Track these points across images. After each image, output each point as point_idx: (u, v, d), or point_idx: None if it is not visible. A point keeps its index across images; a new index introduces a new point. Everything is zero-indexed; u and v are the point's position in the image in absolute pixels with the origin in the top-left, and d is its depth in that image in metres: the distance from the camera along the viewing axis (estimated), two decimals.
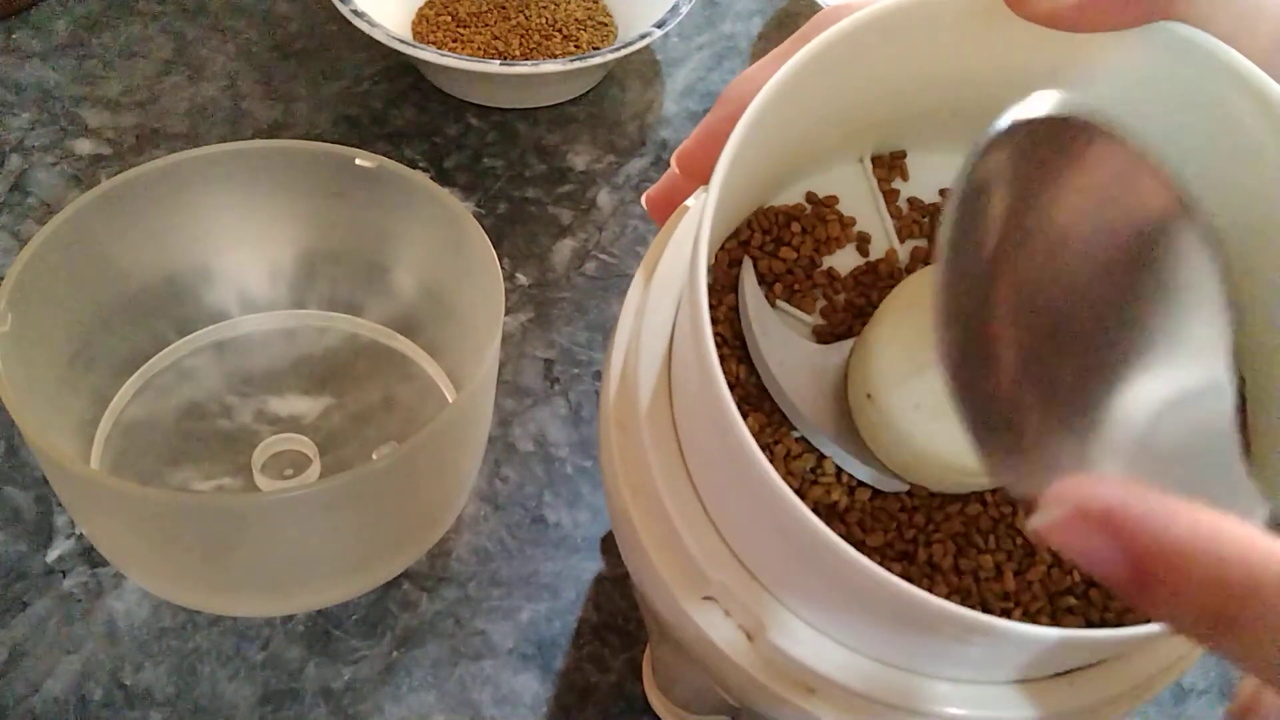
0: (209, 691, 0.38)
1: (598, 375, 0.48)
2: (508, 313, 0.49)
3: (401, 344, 0.46)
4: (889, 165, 0.31)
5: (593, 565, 0.42)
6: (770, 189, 0.30)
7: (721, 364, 0.27)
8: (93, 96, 0.57)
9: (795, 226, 0.29)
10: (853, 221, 0.30)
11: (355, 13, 0.55)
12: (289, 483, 0.42)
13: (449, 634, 0.40)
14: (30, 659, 0.38)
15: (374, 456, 0.34)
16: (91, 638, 0.39)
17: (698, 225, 0.23)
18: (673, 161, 0.29)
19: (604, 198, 0.55)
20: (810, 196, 0.30)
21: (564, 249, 0.53)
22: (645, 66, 0.63)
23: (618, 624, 0.41)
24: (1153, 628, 0.21)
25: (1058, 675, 0.25)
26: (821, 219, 0.30)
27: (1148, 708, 0.40)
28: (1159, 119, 0.27)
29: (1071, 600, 0.26)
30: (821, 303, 0.29)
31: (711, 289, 0.28)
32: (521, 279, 0.51)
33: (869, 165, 0.31)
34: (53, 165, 0.54)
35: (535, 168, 0.56)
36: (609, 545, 0.43)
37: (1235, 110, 0.25)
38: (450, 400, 0.45)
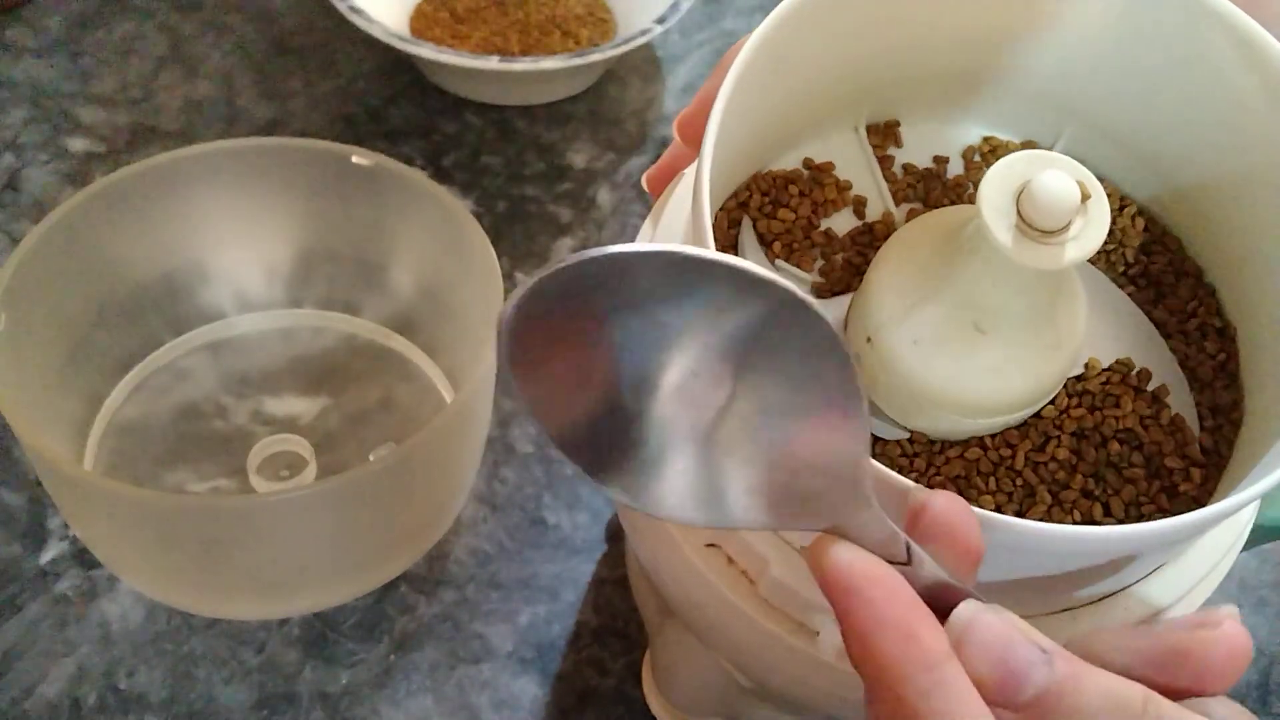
0: (204, 695, 0.38)
1: None
2: None
3: (399, 344, 0.46)
4: (883, 133, 0.32)
5: (591, 568, 0.42)
6: (768, 154, 0.30)
7: None
8: (86, 94, 0.57)
9: (793, 189, 0.30)
10: (849, 185, 0.31)
11: (352, 9, 0.54)
12: (285, 484, 0.41)
13: (447, 637, 0.40)
14: (23, 662, 0.38)
15: (371, 457, 0.33)
16: (85, 641, 0.38)
17: (699, 164, 0.24)
18: (674, 129, 0.30)
19: (604, 196, 0.55)
20: (807, 162, 0.31)
21: (563, 248, 0.53)
22: (645, 63, 0.63)
23: (617, 627, 0.40)
24: (1142, 526, 0.21)
25: (1060, 611, 0.26)
26: (819, 182, 0.30)
27: None
28: (1145, 75, 0.27)
29: None
30: (820, 262, 0.30)
31: None
32: (521, 278, 0.51)
33: (864, 133, 0.31)
34: (46, 163, 0.53)
35: (534, 165, 0.56)
36: (613, 542, 0.43)
37: (1218, 58, 0.25)
38: (448, 400, 0.44)
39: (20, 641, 0.38)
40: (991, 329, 0.25)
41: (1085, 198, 0.23)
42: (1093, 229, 0.23)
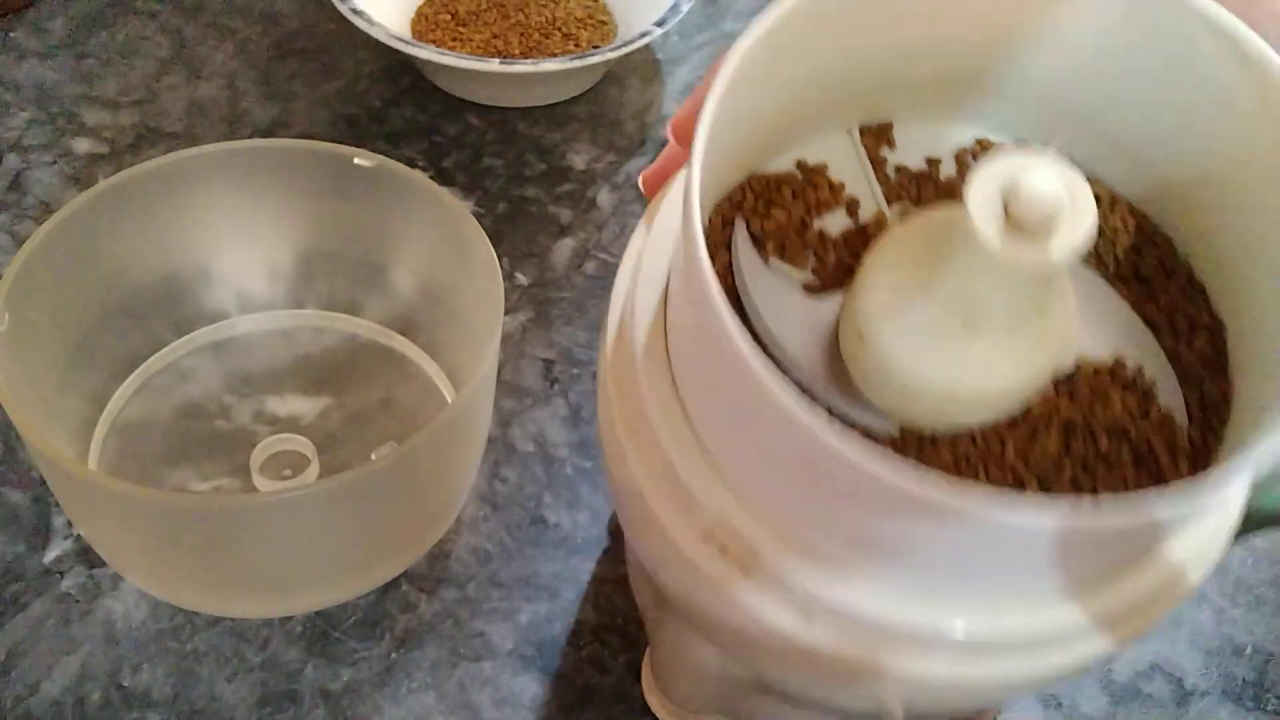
0: (207, 693, 0.38)
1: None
2: (507, 312, 0.49)
3: (400, 344, 0.46)
4: (876, 135, 0.32)
5: (592, 566, 0.42)
6: (761, 156, 0.31)
7: None
8: (90, 95, 0.57)
9: (786, 190, 0.30)
10: (842, 187, 0.31)
11: (354, 11, 0.55)
12: (288, 483, 0.42)
13: (448, 635, 0.40)
14: (28, 660, 0.38)
15: (373, 457, 0.33)
16: (89, 639, 0.39)
17: (690, 166, 0.24)
18: (668, 132, 0.30)
19: (604, 197, 0.55)
20: (800, 164, 0.31)
21: (564, 248, 0.53)
22: (645, 65, 0.63)
23: (617, 625, 0.41)
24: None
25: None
26: (812, 184, 0.31)
27: (1150, 709, 0.40)
28: (1134, 77, 0.28)
29: None
30: (813, 262, 0.30)
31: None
32: (521, 278, 0.51)
33: (857, 135, 0.32)
34: (50, 164, 0.54)
35: (535, 167, 0.56)
36: (613, 541, 0.43)
37: (1207, 59, 0.26)
38: (449, 400, 0.45)
39: (25, 639, 0.38)
40: (981, 324, 0.25)
41: (1072, 197, 0.23)
42: (1080, 228, 0.23)
